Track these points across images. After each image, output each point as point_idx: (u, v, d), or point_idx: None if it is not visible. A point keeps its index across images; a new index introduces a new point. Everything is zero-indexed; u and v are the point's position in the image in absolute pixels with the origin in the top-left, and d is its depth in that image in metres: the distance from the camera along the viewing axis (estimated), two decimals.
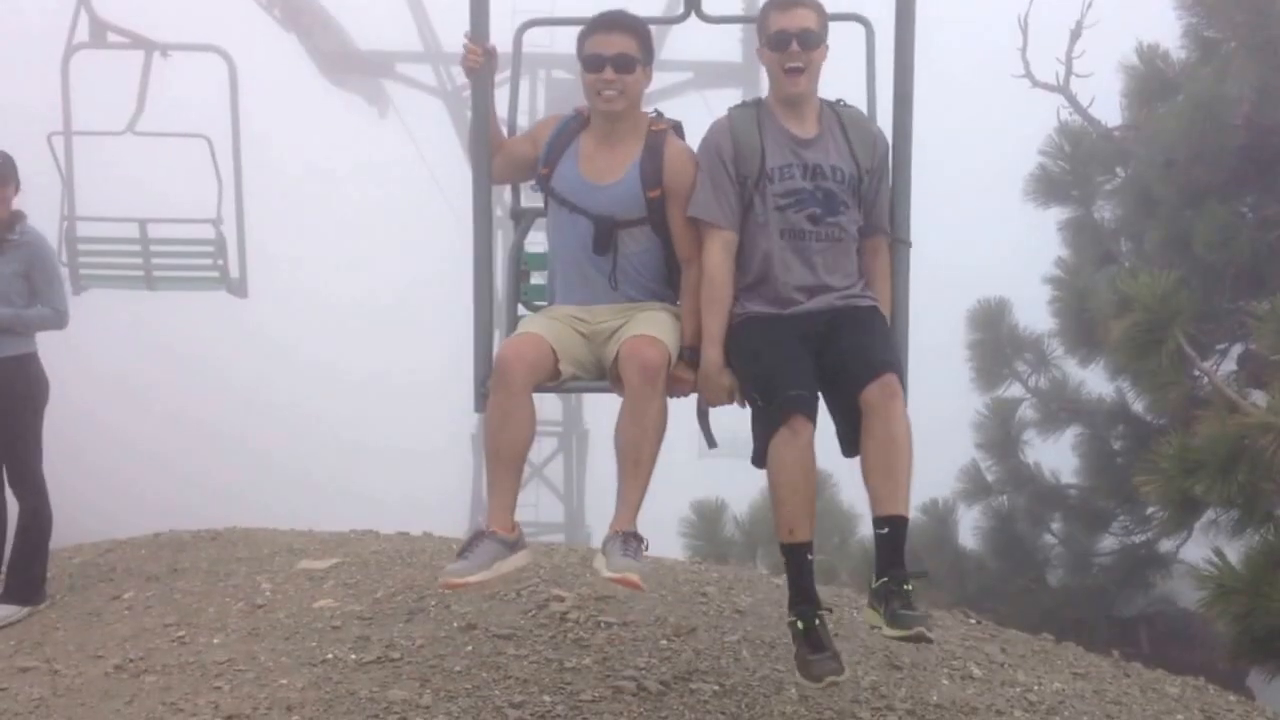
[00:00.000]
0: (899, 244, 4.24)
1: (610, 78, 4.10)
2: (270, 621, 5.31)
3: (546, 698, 4.40)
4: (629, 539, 3.90)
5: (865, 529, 9.46)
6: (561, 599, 5.45)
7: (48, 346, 6.13)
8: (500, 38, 4.57)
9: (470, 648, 4.88)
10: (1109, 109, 9.25)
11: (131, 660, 4.91)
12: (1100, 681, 5.26)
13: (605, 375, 4.16)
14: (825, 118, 4.20)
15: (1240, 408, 6.77)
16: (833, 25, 4.16)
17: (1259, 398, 7.16)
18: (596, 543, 7.12)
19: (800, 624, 3.89)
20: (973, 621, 6.12)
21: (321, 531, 6.99)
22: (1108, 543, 9.52)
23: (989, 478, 9.78)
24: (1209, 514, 7.56)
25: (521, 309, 4.57)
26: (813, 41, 4.06)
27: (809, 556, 3.91)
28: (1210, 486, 6.59)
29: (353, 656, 4.82)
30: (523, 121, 4.73)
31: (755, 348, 4.02)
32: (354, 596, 5.62)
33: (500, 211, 6.87)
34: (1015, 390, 9.85)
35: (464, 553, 3.92)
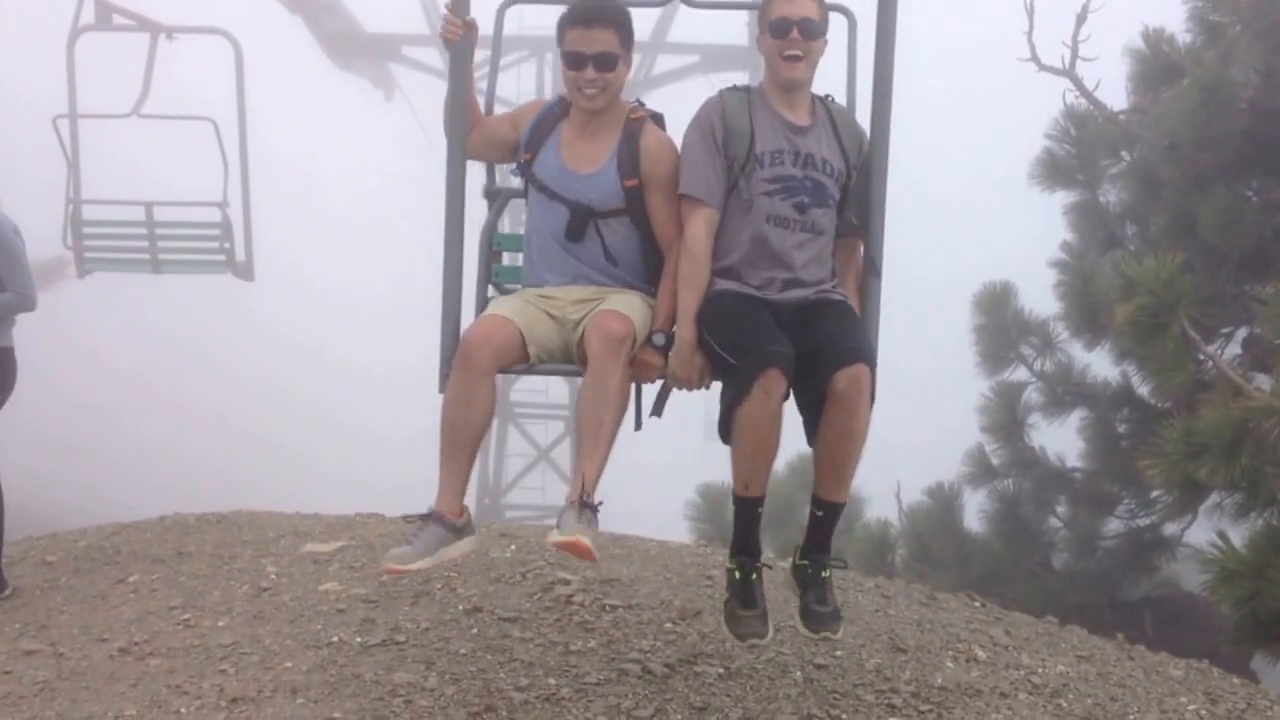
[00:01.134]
0: (870, 270, 4.21)
1: (591, 77, 4.10)
2: (275, 604, 5.32)
3: (551, 680, 4.41)
4: (583, 508, 3.86)
5: (871, 512, 9.49)
6: (567, 582, 5.46)
7: (49, 338, 6.08)
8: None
9: (475, 631, 4.89)
10: (1114, 93, 9.23)
11: (136, 643, 4.92)
12: (1104, 664, 5.26)
13: (573, 359, 4.12)
14: (818, 110, 4.20)
15: (1245, 391, 6.76)
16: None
17: (1263, 381, 7.17)
18: (603, 527, 7.15)
19: (738, 573, 4.03)
20: (977, 604, 6.13)
21: (326, 515, 7.00)
22: (1112, 526, 9.51)
23: (994, 461, 9.77)
24: (1213, 497, 7.56)
25: (492, 290, 4.52)
26: (814, 31, 4.06)
27: (759, 510, 3.99)
28: (1215, 470, 6.59)
29: (358, 639, 4.84)
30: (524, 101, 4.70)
31: (729, 317, 4.00)
32: (359, 580, 5.63)
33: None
34: (1020, 374, 9.85)
35: (410, 536, 3.93)
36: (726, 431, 3.84)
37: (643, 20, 4.22)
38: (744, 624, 3.96)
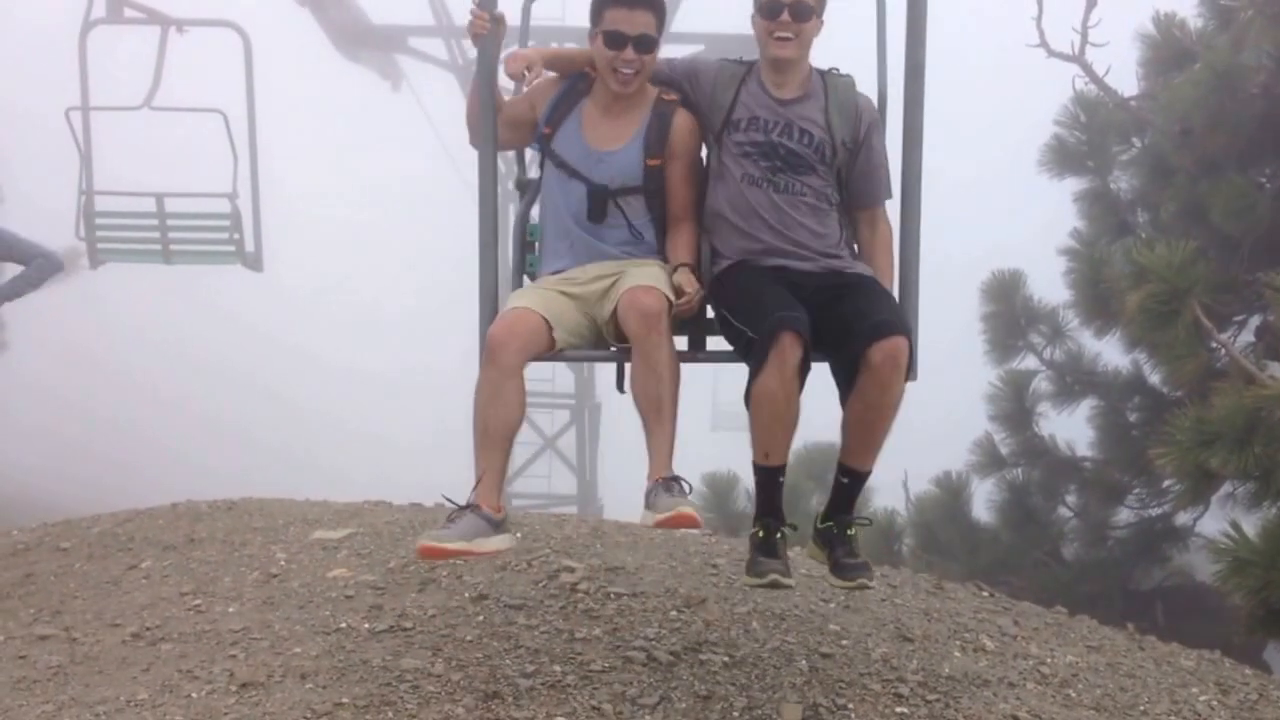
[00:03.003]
0: (908, 208, 4.17)
1: (630, 58, 4.09)
2: (285, 591, 5.34)
3: (557, 667, 4.42)
4: (670, 483, 3.91)
5: (879, 501, 9.46)
6: (572, 570, 5.46)
7: (52, 338, 6.16)
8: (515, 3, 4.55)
9: (482, 618, 4.90)
10: (1125, 78, 9.19)
11: (148, 628, 4.95)
12: (1114, 654, 5.25)
13: (602, 337, 4.14)
14: (813, 84, 4.19)
15: (1257, 379, 6.74)
16: None
17: (1276, 369, 7.13)
18: (609, 514, 7.16)
19: (761, 533, 3.99)
20: (985, 594, 6.11)
21: (335, 502, 7.02)
22: (1123, 516, 9.49)
23: (1003, 450, 9.76)
24: (1225, 486, 7.54)
25: (527, 281, 4.49)
26: (804, 13, 4.06)
27: (780, 479, 3.98)
28: (1227, 459, 6.56)
29: (366, 626, 4.85)
30: None
31: (745, 289, 3.99)
32: (367, 566, 5.65)
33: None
34: (1030, 362, 9.82)
35: (447, 523, 3.90)
36: (748, 402, 3.84)
37: None
38: (765, 566, 3.88)
